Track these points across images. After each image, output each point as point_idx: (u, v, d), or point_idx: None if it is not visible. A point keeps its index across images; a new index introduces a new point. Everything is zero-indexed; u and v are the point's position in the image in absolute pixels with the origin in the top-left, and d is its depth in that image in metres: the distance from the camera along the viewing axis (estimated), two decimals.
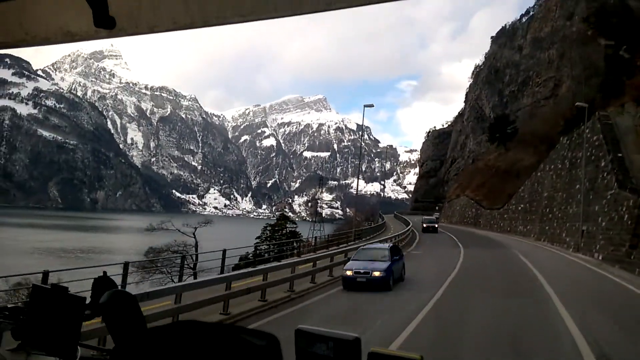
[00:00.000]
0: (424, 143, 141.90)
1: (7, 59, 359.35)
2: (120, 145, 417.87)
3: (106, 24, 1.13)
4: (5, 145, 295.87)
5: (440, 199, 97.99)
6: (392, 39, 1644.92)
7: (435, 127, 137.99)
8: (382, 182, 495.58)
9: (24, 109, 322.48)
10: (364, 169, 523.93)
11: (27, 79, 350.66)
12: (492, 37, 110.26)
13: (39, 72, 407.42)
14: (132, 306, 1.48)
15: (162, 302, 9.84)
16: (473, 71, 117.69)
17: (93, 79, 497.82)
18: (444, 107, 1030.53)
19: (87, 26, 1.18)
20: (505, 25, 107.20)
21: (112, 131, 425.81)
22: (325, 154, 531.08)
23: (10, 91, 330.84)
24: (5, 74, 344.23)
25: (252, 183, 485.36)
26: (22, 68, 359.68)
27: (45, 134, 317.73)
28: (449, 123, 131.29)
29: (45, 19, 1.28)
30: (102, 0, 1.06)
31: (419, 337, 9.40)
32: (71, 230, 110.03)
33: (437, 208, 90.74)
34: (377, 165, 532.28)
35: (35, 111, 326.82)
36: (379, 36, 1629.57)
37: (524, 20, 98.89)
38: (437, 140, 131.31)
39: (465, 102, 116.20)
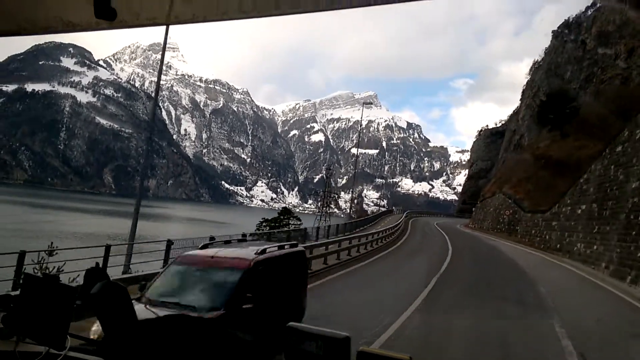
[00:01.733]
0: (475, 142, 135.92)
1: (71, 49, 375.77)
2: (174, 136, 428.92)
3: (107, 15, 1.14)
4: (65, 132, 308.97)
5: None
6: (449, 36, 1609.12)
7: (487, 125, 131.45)
8: (431, 183, 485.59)
9: (83, 97, 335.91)
10: (412, 168, 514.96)
11: (88, 68, 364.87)
12: (553, 32, 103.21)
13: (100, 62, 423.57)
14: (123, 298, 1.49)
15: None
16: (531, 68, 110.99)
17: (151, 70, 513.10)
18: (501, 108, 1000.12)
19: (88, 17, 1.18)
20: (569, 18, 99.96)
21: (167, 122, 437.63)
22: (374, 152, 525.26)
23: (72, 79, 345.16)
24: (68, 62, 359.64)
25: (299, 177, 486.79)
26: (84, 57, 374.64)
27: (103, 121, 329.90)
28: (503, 122, 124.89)
29: (45, 8, 1.27)
30: None
31: None
32: (122, 217, 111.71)
33: (472, 210, 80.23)
34: (427, 164, 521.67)
35: (94, 99, 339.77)
36: (436, 33, 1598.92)
37: (589, 12, 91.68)
38: (489, 139, 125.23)
39: (521, 100, 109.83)
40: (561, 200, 33.58)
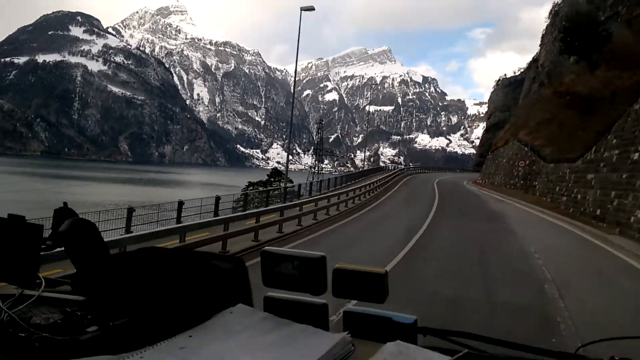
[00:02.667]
0: (492, 93, 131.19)
1: (79, 17, 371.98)
2: (188, 101, 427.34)
3: None
4: (78, 101, 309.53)
5: None
6: None
7: (505, 75, 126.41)
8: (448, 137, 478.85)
9: (94, 66, 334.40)
10: (429, 123, 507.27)
11: (97, 36, 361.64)
12: None
13: (109, 30, 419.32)
14: (93, 233, 1.47)
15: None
16: (550, 10, 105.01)
17: (160, 36, 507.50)
18: (521, 57, 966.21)
19: None
20: None
21: (179, 87, 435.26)
22: (389, 108, 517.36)
23: (82, 48, 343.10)
24: (77, 31, 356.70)
25: (314, 138, 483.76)
26: (93, 26, 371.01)
27: (115, 89, 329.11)
28: (522, 70, 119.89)
29: None
30: None
31: None
32: (134, 184, 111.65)
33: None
34: (444, 119, 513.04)
35: (105, 68, 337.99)
36: None
37: None
38: (507, 89, 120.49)
39: (540, 45, 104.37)
40: (600, 142, 23.36)
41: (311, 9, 27.37)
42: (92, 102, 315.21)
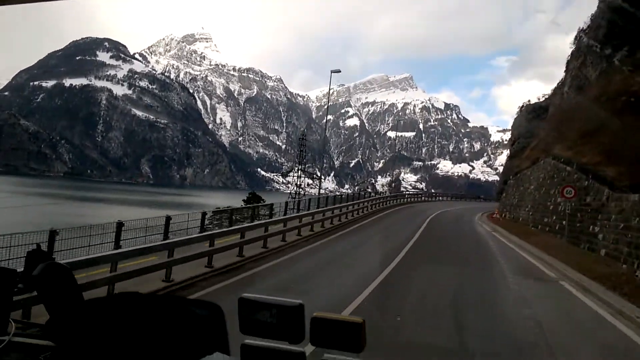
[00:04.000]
0: (516, 119, 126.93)
1: (106, 43, 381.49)
2: (210, 125, 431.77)
3: None
4: (102, 124, 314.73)
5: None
6: (488, 11, 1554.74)
7: (529, 100, 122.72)
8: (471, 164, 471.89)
9: (119, 90, 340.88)
10: (451, 149, 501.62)
11: (123, 61, 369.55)
12: None
13: (136, 56, 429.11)
14: (67, 278, 1.45)
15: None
16: (576, 36, 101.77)
17: (185, 62, 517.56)
18: (546, 85, 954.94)
19: None
20: None
21: (202, 111, 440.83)
22: (411, 134, 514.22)
23: (108, 73, 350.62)
24: (104, 57, 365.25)
25: (335, 163, 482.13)
26: (119, 51, 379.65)
27: (139, 113, 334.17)
28: (546, 96, 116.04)
29: None
30: None
31: None
32: (141, 206, 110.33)
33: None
34: (466, 145, 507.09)
35: (130, 92, 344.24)
36: (474, 8, 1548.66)
37: None
38: (531, 115, 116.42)
39: (565, 71, 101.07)
40: None
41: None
42: (115, 125, 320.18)
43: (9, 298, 1.38)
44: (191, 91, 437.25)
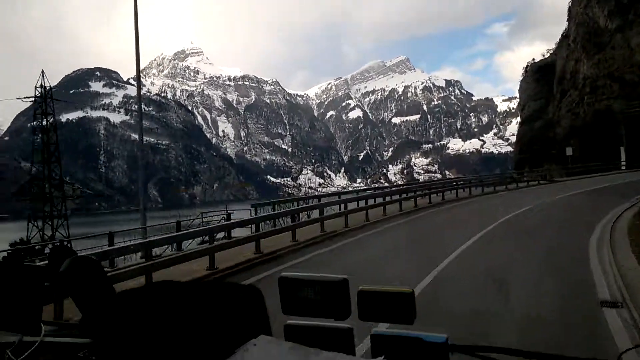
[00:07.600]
0: (522, 82, 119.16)
1: (98, 72, 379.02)
2: (213, 139, 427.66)
3: None
4: (103, 154, 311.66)
5: (554, 143, 73.77)
6: None
7: (534, 59, 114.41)
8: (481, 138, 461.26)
9: (116, 117, 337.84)
10: (459, 127, 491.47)
11: (116, 88, 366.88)
12: None
13: (130, 80, 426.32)
14: (96, 271, 1.40)
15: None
16: None
17: (180, 79, 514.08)
18: (550, 45, 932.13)
19: None
20: None
21: (204, 126, 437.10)
22: (415, 117, 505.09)
23: (103, 102, 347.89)
24: (97, 86, 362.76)
25: (344, 158, 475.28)
26: (112, 79, 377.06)
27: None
28: (551, 51, 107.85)
29: None
30: None
31: None
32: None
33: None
34: (474, 120, 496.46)
35: (127, 117, 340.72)
36: None
37: None
38: (537, 75, 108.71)
39: (568, 19, 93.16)
40: None
41: None
42: (117, 154, 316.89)
43: (37, 297, 1.36)
44: (190, 107, 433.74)
